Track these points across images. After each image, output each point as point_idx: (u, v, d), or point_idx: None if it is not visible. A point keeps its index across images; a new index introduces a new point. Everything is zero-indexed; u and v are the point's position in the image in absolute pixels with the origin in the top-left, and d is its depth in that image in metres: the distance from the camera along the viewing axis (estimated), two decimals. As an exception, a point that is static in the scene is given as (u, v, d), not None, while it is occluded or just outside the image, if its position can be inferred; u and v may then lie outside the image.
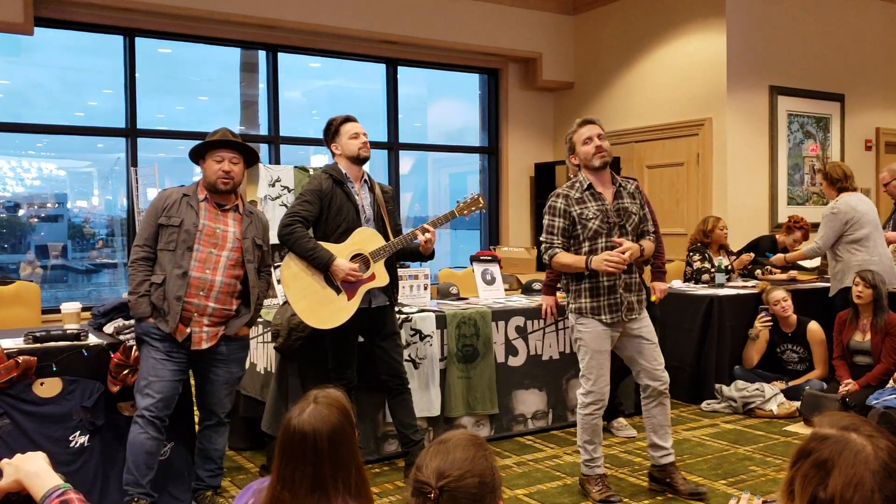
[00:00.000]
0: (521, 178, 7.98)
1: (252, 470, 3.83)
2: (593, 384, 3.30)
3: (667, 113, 6.96)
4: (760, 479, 3.59)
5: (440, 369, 4.05)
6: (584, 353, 3.32)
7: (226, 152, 3.09)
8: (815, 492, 1.23)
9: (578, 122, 3.38)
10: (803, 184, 6.99)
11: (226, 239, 3.09)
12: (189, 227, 3.03)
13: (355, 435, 1.65)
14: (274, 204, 4.98)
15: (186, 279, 3.00)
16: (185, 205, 3.07)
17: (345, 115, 3.54)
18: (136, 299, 3.02)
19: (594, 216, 3.26)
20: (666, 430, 3.42)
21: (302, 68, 7.36)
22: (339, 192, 3.43)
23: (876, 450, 1.24)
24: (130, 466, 3.00)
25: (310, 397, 1.66)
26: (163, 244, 3.04)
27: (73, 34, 6.22)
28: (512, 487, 3.52)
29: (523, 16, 7.56)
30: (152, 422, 2.99)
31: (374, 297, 3.48)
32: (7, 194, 7.46)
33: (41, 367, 3.05)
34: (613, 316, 3.28)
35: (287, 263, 3.40)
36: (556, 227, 3.30)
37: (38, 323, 4.75)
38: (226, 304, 3.09)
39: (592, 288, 3.28)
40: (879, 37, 7.49)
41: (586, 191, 3.30)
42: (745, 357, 5.03)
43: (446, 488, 1.32)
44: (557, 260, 3.28)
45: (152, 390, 2.99)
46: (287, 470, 1.58)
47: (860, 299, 4.55)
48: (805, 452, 1.29)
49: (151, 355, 3.01)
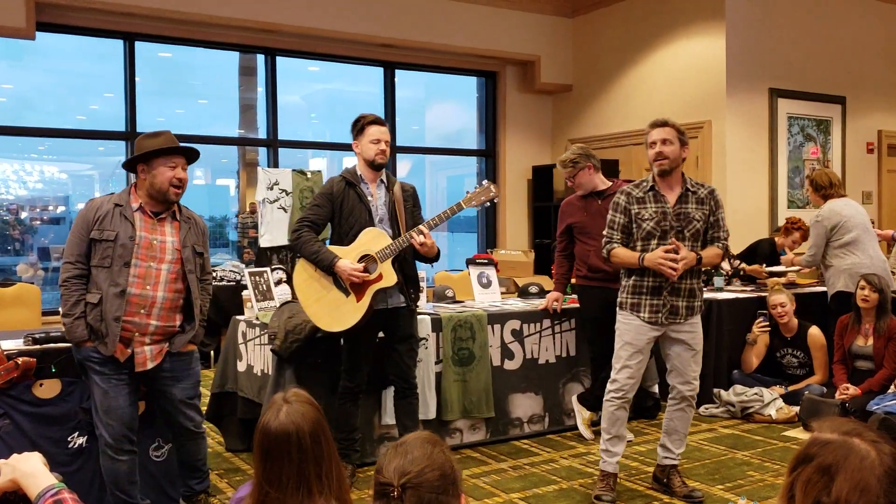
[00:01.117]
0: (518, 181, 7.98)
1: (249, 472, 3.84)
2: (617, 372, 3.38)
3: (666, 116, 6.91)
4: (758, 484, 3.58)
5: (436, 372, 4.05)
6: (619, 342, 3.40)
7: (179, 158, 2.89)
8: (819, 497, 1.23)
9: (652, 122, 3.41)
10: (804, 187, 6.99)
11: (164, 251, 2.88)
12: (125, 241, 2.80)
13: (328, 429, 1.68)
14: (272, 207, 5.00)
15: (125, 297, 2.78)
16: (119, 216, 2.83)
17: (374, 116, 3.48)
18: (72, 322, 2.79)
19: (650, 217, 3.29)
20: (681, 437, 3.45)
21: (300, 72, 7.39)
22: (351, 194, 3.42)
23: (880, 455, 1.23)
24: (115, 492, 2.91)
25: (278, 400, 1.68)
26: (97, 260, 2.80)
27: (74, 39, 6.25)
28: (508, 491, 3.52)
29: (521, 18, 7.58)
30: (120, 448, 2.89)
31: (391, 297, 3.43)
32: (10, 197, 7.49)
33: (41, 368, 3.06)
34: (652, 316, 3.31)
35: (299, 269, 3.44)
36: (616, 223, 3.35)
37: (38, 325, 4.78)
38: (168, 321, 2.89)
39: (637, 286, 3.33)
40: (880, 39, 7.49)
41: (649, 191, 3.33)
42: (743, 361, 5.02)
43: (409, 485, 1.34)
44: (614, 254, 3.34)
45: (111, 419, 2.85)
46: (272, 472, 1.60)
47: (866, 303, 4.53)
48: (806, 458, 1.28)
49: (98, 383, 2.84)
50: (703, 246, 3.35)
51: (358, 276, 3.30)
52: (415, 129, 8.22)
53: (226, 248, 8.57)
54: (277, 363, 3.69)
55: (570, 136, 7.91)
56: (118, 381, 2.86)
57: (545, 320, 4.43)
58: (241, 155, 8.27)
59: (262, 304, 4.12)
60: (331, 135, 7.80)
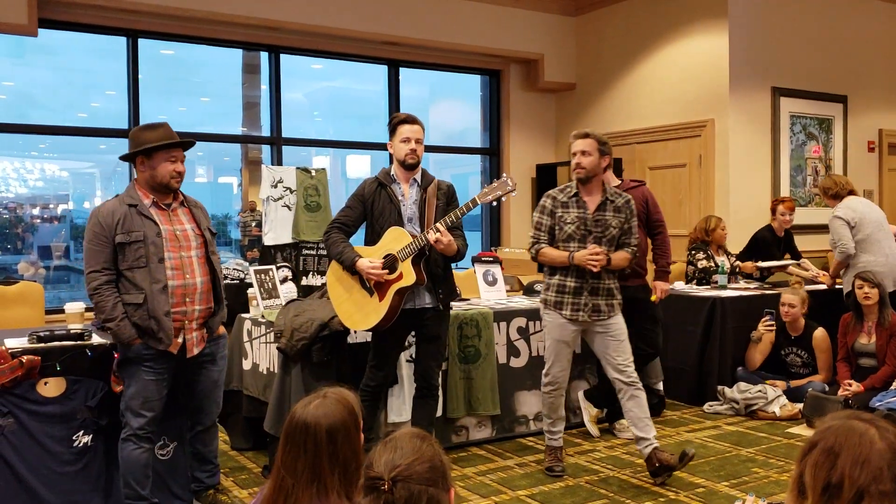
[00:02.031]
0: (522, 179, 7.98)
1: (255, 470, 3.84)
2: (550, 367, 3.69)
3: (669, 114, 6.96)
4: (763, 480, 3.59)
5: (442, 370, 4.05)
6: (547, 339, 3.71)
7: (177, 151, 2.98)
8: (828, 477, 1.26)
9: (574, 133, 3.69)
10: (806, 185, 6.99)
11: (188, 238, 2.99)
12: (154, 239, 2.88)
13: (360, 435, 1.69)
14: (276, 205, 4.99)
15: (168, 291, 2.88)
16: (138, 216, 2.90)
17: (406, 115, 3.46)
18: (118, 324, 2.86)
19: (572, 222, 3.57)
20: (645, 421, 3.59)
21: (304, 70, 7.38)
22: (382, 195, 3.43)
23: (880, 431, 1.28)
24: (130, 482, 2.97)
25: (321, 392, 1.73)
26: (131, 262, 2.86)
27: (76, 36, 6.24)
28: (514, 489, 3.53)
29: (525, 17, 7.57)
30: (147, 437, 2.98)
31: (418, 297, 3.41)
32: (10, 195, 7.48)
33: (45, 366, 3.06)
34: (574, 314, 3.58)
35: (330, 270, 3.52)
36: (542, 225, 3.64)
37: (41, 323, 4.77)
38: (208, 303, 3.04)
39: (560, 285, 3.60)
40: (882, 38, 7.49)
41: (573, 197, 3.62)
42: (748, 359, 5.02)
43: (399, 477, 1.35)
44: (543, 253, 3.62)
45: (146, 410, 2.95)
46: (289, 458, 1.65)
47: (868, 300, 4.55)
48: (812, 445, 1.32)
49: (143, 376, 2.93)
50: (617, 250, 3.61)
51: (375, 275, 3.30)
52: (418, 127, 8.20)
53: (228, 246, 8.56)
54: (283, 361, 3.69)
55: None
56: (161, 376, 2.96)
57: (550, 318, 4.43)
58: (243, 153, 8.27)
59: (267, 302, 4.11)
60: (334, 132, 7.79)
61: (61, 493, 3.05)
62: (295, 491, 1.61)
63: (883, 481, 1.23)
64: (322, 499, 1.61)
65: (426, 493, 1.35)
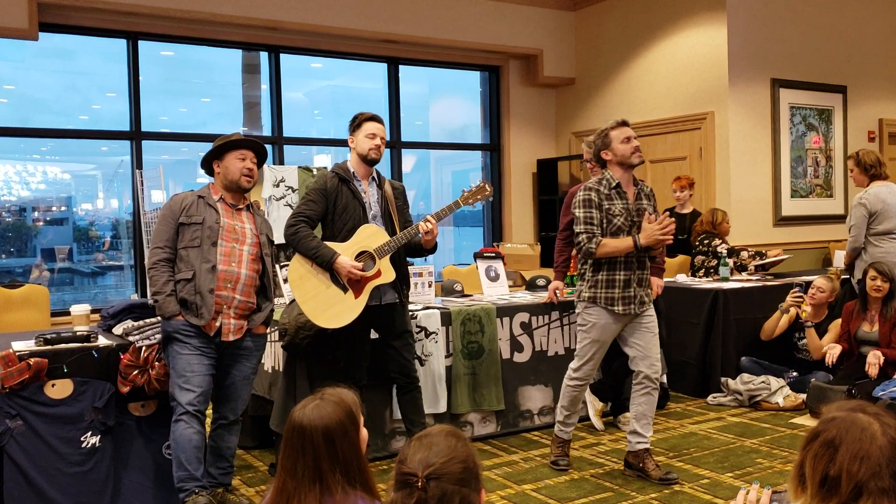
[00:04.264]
0: (523, 174, 7.99)
1: (261, 468, 3.86)
2: (583, 363, 3.59)
3: (669, 107, 6.96)
4: (767, 471, 3.60)
5: (446, 366, 4.07)
6: (584, 337, 3.56)
7: (247, 151, 3.19)
8: (826, 470, 1.26)
9: (617, 121, 3.53)
10: (806, 176, 6.99)
11: (245, 234, 3.17)
12: (212, 224, 3.09)
13: (358, 433, 1.70)
14: (279, 204, 5.01)
15: (215, 272, 3.05)
16: (204, 204, 3.14)
17: (371, 114, 3.55)
18: (165, 298, 3.04)
19: (619, 213, 3.45)
20: (649, 420, 3.56)
21: (304, 69, 7.38)
22: (345, 190, 3.44)
23: (883, 426, 1.27)
24: (182, 462, 3.01)
25: (319, 393, 1.73)
26: (187, 242, 3.08)
27: (77, 39, 6.25)
28: (519, 483, 3.55)
29: (524, 12, 7.57)
30: (196, 416, 3.04)
31: (384, 294, 3.47)
32: (13, 198, 7.50)
33: (52, 368, 3.08)
34: (626, 308, 3.46)
35: (294, 265, 3.43)
36: (594, 218, 3.44)
37: (47, 325, 4.80)
38: (249, 297, 3.15)
39: (610, 280, 3.46)
40: (881, 27, 7.48)
41: (614, 188, 3.48)
42: (765, 327, 5.03)
43: (433, 476, 1.35)
44: (605, 244, 3.41)
45: (192, 385, 3.02)
46: (289, 461, 1.66)
47: (878, 293, 4.55)
48: (814, 435, 1.32)
49: (183, 352, 3.04)
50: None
51: (357, 274, 3.33)
52: (419, 124, 8.21)
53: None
54: (288, 359, 3.71)
55: (573, 130, 7.91)
56: (202, 353, 3.06)
57: (553, 312, 4.44)
58: (244, 153, 8.26)
59: (271, 300, 4.13)
60: (335, 131, 7.79)
61: (70, 494, 3.07)
62: (297, 493, 1.62)
63: (882, 478, 1.22)
64: (326, 497, 1.62)
65: (459, 493, 1.35)
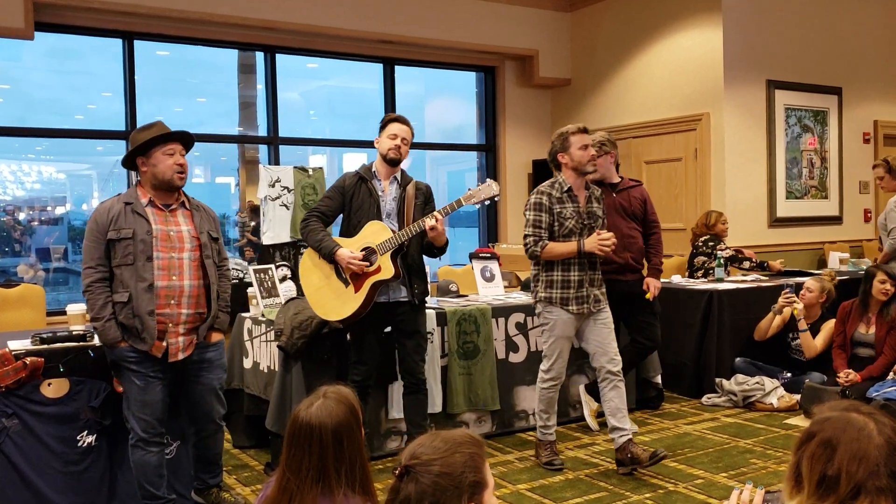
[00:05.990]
0: (519, 174, 8.00)
1: (257, 468, 3.87)
2: (553, 363, 3.68)
3: (664, 108, 6.98)
4: (761, 471, 3.62)
5: (441, 366, 4.08)
6: (548, 336, 3.68)
7: (175, 144, 2.92)
8: (824, 470, 1.26)
9: (578, 126, 3.62)
10: (801, 177, 7.02)
11: (182, 240, 2.93)
12: (143, 236, 2.84)
13: (361, 432, 1.70)
14: (274, 204, 5.01)
15: (154, 291, 2.82)
16: (131, 213, 2.87)
17: (397, 115, 3.62)
18: (103, 325, 2.82)
19: (570, 216, 3.59)
20: (623, 412, 3.62)
21: (300, 69, 7.38)
22: (362, 188, 3.49)
23: (878, 426, 1.27)
24: (143, 484, 2.95)
25: (320, 392, 1.72)
26: (119, 259, 2.83)
27: (72, 38, 6.24)
28: (515, 483, 3.56)
29: (519, 13, 7.59)
30: (151, 440, 2.94)
31: (393, 291, 3.46)
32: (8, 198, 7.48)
33: (48, 367, 3.08)
34: (580, 308, 3.60)
35: (304, 257, 3.54)
36: (542, 222, 3.60)
37: (43, 325, 4.79)
38: (199, 308, 2.96)
39: (564, 280, 3.60)
40: (877, 29, 7.51)
41: (565, 192, 3.62)
42: (758, 328, 5.05)
43: (412, 469, 1.33)
44: (549, 250, 3.57)
45: (145, 413, 2.90)
46: (294, 460, 1.65)
47: (885, 296, 4.58)
48: (809, 436, 1.32)
49: (133, 381, 2.88)
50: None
51: (356, 265, 3.34)
52: (414, 124, 8.20)
53: (226, 245, 8.57)
54: (284, 359, 3.71)
55: (568, 130, 7.92)
56: (154, 377, 2.91)
57: (548, 313, 4.45)
58: (240, 153, 8.27)
59: (267, 300, 4.14)
60: (330, 131, 7.80)
61: (66, 493, 3.07)
62: (300, 492, 1.62)
63: (880, 477, 1.22)
64: (327, 497, 1.62)
65: (431, 496, 1.29)
